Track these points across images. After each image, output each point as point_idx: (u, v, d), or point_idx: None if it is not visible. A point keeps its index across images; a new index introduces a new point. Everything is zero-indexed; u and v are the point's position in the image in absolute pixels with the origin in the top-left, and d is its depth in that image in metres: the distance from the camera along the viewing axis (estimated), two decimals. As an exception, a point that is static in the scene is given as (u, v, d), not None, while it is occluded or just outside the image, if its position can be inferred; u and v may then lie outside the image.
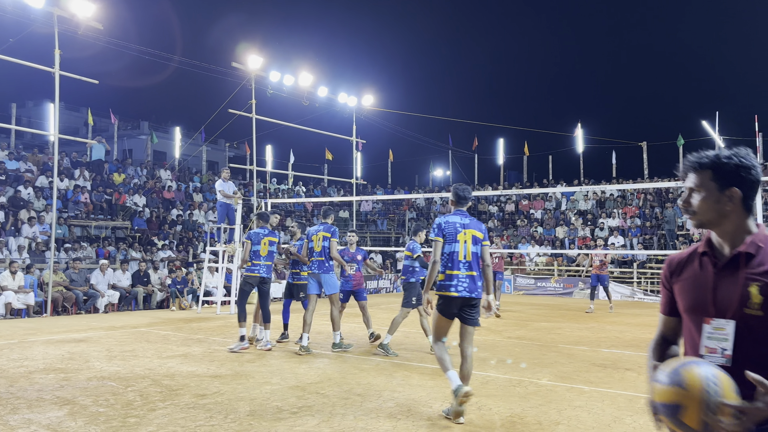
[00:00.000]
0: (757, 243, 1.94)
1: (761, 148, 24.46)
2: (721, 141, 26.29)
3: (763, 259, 1.91)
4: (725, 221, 1.98)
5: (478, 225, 5.67)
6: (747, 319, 1.89)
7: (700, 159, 2.02)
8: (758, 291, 1.87)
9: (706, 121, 26.53)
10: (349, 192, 27.90)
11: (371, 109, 23.56)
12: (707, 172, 1.99)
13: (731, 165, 1.95)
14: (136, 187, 21.78)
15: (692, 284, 2.05)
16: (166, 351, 8.74)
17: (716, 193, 1.97)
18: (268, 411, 5.56)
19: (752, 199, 1.97)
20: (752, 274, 1.91)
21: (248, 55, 18.28)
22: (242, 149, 34.55)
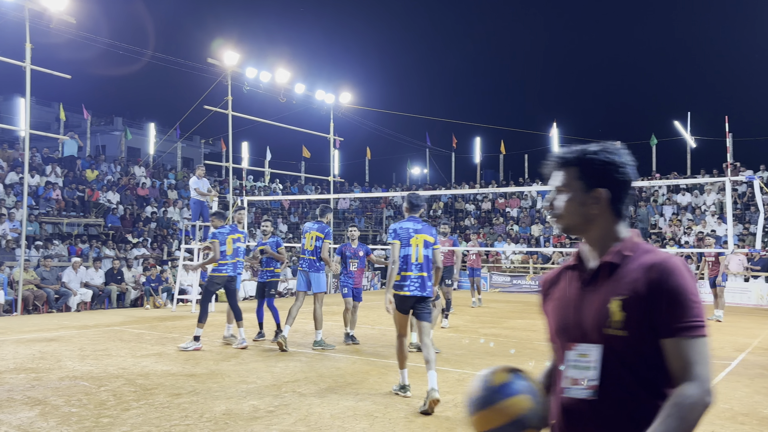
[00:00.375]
0: (623, 252, 1.66)
1: (731, 149, 24.90)
2: (693, 141, 26.76)
3: (628, 270, 1.62)
4: (592, 226, 1.71)
5: (429, 230, 6.12)
6: (610, 341, 1.60)
7: (566, 155, 1.75)
8: (619, 307, 1.58)
9: (678, 122, 26.99)
10: (326, 190, 27.82)
11: (349, 106, 23.52)
12: (573, 169, 1.72)
13: (598, 162, 1.69)
14: (109, 183, 21.46)
15: (558, 305, 1.76)
16: (140, 350, 8.64)
17: (582, 193, 1.70)
18: (245, 410, 5.53)
19: (622, 201, 1.72)
20: (614, 288, 1.62)
21: (224, 51, 18.11)
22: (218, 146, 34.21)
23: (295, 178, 31.07)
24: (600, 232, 1.71)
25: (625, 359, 1.59)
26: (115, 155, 28.19)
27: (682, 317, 1.53)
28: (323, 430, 4.98)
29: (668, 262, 1.59)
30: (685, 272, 1.57)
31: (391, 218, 29.40)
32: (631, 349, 1.58)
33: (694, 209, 22.89)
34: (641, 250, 1.66)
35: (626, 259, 1.65)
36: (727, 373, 7.55)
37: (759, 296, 17.76)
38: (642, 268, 1.60)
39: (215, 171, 30.41)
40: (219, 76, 18.41)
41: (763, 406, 5.97)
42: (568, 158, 1.74)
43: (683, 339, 1.53)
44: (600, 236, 1.71)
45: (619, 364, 1.59)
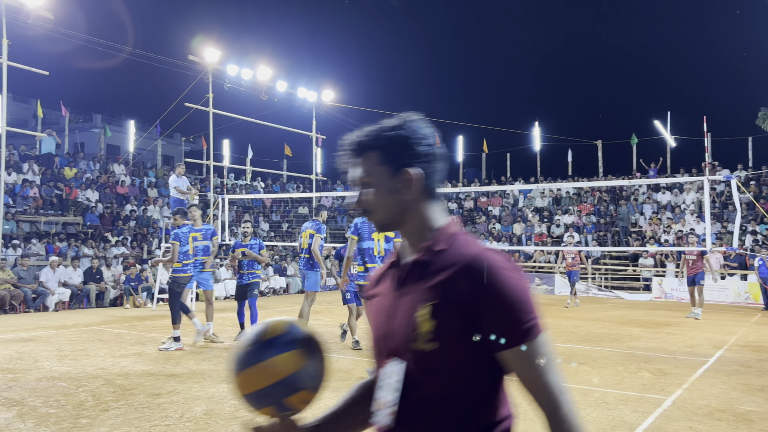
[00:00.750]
0: (435, 246, 1.37)
1: (710, 149, 25.23)
2: (672, 140, 27.07)
3: (440, 268, 1.32)
4: (409, 217, 1.42)
5: None
6: (419, 357, 1.30)
7: (361, 138, 1.45)
8: (429, 315, 1.29)
9: (658, 121, 27.29)
10: (308, 188, 27.74)
11: (331, 104, 23.47)
12: (373, 153, 1.42)
13: (400, 139, 1.41)
14: (88, 181, 21.20)
15: (376, 310, 1.47)
16: (119, 350, 8.55)
17: (389, 179, 1.40)
18: (225, 409, 5.49)
19: (434, 180, 1.44)
20: (423, 292, 1.32)
21: (205, 48, 17.97)
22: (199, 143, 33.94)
23: (277, 176, 30.93)
24: (416, 224, 1.41)
25: (435, 379, 1.30)
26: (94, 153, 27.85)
27: (516, 323, 1.26)
28: (304, 429, 4.96)
29: (485, 256, 1.29)
30: (508, 266, 1.29)
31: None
32: (444, 366, 1.29)
33: (674, 208, 23.16)
34: (457, 243, 1.36)
35: (438, 255, 1.34)
36: (704, 370, 7.65)
37: (736, 293, 18.02)
38: (456, 265, 1.30)
39: (196, 169, 30.16)
40: (200, 74, 18.28)
41: (740, 402, 6.06)
42: (365, 142, 1.43)
43: (522, 348, 1.28)
44: (416, 227, 1.41)
45: (427, 386, 1.30)
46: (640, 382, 6.90)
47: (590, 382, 6.83)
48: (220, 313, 13.64)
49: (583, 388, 6.49)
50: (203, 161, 22.69)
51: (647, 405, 5.86)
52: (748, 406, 5.91)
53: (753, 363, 8.23)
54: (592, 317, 13.71)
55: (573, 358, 8.34)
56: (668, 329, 11.80)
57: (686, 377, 7.18)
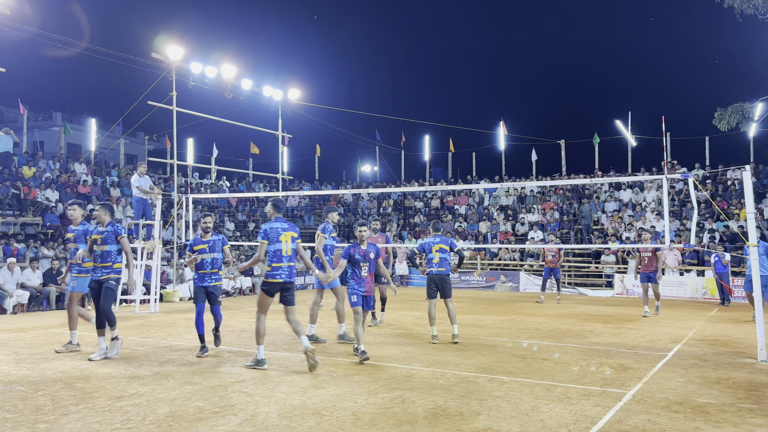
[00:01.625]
0: None
1: (669, 148, 25.84)
2: (633, 140, 27.63)
3: None
4: None
5: (294, 228, 7.61)
6: None
7: None
8: None
9: (619, 121, 27.82)
10: (275, 187, 27.54)
11: (297, 103, 23.34)
12: None
13: None
14: (48, 181, 20.70)
15: None
16: (80, 353, 8.37)
17: None
18: (189, 411, 5.43)
19: None
20: None
21: (168, 46, 17.70)
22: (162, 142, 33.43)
23: (243, 175, 30.64)
24: None
25: None
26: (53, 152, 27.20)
27: None
28: (270, 429, 4.94)
29: None
30: None
31: (341, 216, 29.33)
32: None
33: (635, 206, 23.65)
34: None
35: None
36: (663, 364, 7.84)
37: (694, 289, 18.49)
38: None
39: (160, 168, 29.70)
40: (163, 71, 18.00)
41: (697, 395, 6.23)
42: None
43: None
44: None
45: None
46: (602, 376, 7.05)
47: (553, 377, 6.95)
48: (186, 314, 13.46)
49: (547, 383, 6.59)
50: (167, 160, 22.32)
51: (608, 399, 5.98)
52: (705, 398, 6.08)
53: (709, 356, 8.47)
54: (556, 313, 13.92)
55: (537, 354, 8.47)
56: (629, 325, 12.05)
57: (646, 371, 7.35)
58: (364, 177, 36.72)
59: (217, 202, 25.73)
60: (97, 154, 27.12)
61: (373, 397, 5.98)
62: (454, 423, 5.14)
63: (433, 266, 9.67)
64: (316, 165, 34.82)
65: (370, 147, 36.53)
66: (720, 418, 5.38)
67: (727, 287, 16.62)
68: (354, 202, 30.49)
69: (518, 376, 6.96)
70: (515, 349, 8.88)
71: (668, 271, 19.54)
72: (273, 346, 9.02)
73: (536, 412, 5.49)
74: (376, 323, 11.62)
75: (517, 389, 6.34)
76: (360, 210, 29.63)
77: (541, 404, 5.75)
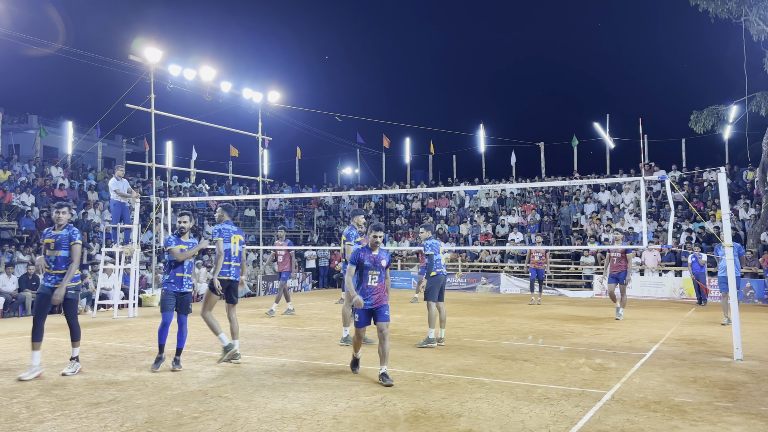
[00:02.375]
0: None
1: (646, 150, 26.17)
2: (611, 142, 27.92)
3: None
4: None
5: (240, 231, 8.30)
6: None
7: None
8: None
9: (598, 124, 28.10)
10: (255, 190, 27.39)
11: (278, 105, 23.22)
12: None
13: None
14: (23, 185, 20.39)
15: None
16: (56, 359, 8.25)
17: None
18: (168, 417, 5.37)
19: None
20: None
21: (146, 48, 17.52)
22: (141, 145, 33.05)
23: (223, 178, 30.43)
24: None
25: None
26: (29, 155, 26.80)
27: None
28: (250, 434, 4.90)
29: None
30: None
31: (322, 218, 29.25)
32: None
33: (614, 207, 23.89)
34: None
35: None
36: (642, 364, 7.92)
37: (672, 289, 18.72)
38: None
39: (138, 171, 29.41)
40: (141, 74, 17.81)
41: (674, 394, 6.30)
42: None
43: None
44: None
45: None
46: (582, 377, 7.10)
47: (533, 378, 6.98)
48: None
49: (527, 385, 6.63)
50: (146, 163, 22.08)
51: (588, 399, 6.03)
52: (682, 397, 6.15)
53: (687, 356, 8.57)
54: (536, 314, 14.01)
55: (517, 355, 8.51)
56: (609, 325, 12.16)
57: (625, 371, 7.43)
58: (345, 179, 36.68)
59: (197, 206, 25.52)
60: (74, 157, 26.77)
61: (353, 400, 5.97)
62: (435, 425, 5.14)
63: (442, 267, 9.74)
64: (297, 167, 34.72)
65: (351, 149, 36.52)
66: (697, 417, 5.44)
67: (704, 287, 16.85)
68: (335, 204, 30.44)
69: (499, 378, 6.99)
70: (496, 351, 8.91)
71: (647, 271, 19.77)
72: (253, 350, 8.96)
73: (516, 413, 5.52)
74: None
75: (498, 390, 6.36)
76: (341, 213, 29.59)
77: (522, 405, 5.78)
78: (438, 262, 9.68)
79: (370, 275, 6.95)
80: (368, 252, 7.05)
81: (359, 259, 7.01)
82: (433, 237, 9.93)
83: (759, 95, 19.64)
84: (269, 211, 28.78)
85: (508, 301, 17.86)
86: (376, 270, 6.97)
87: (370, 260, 6.97)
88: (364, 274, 6.98)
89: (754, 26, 18.93)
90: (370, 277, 6.95)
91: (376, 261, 7.00)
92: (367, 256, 7.00)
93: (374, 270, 6.97)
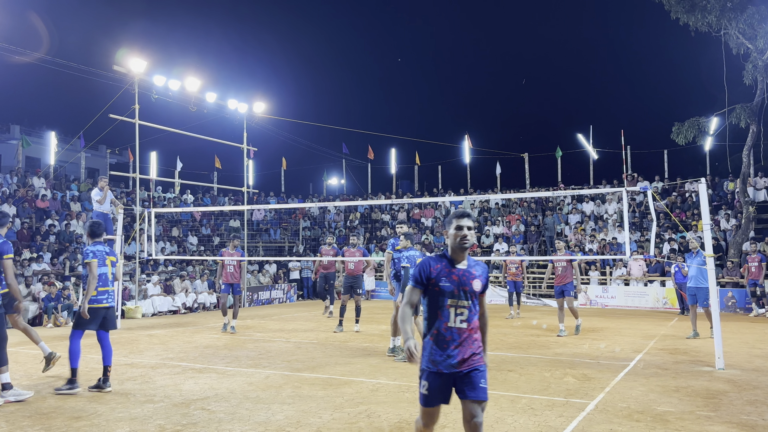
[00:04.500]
0: None
1: (629, 161, 26.43)
2: (594, 153, 28.18)
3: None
4: None
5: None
6: None
7: None
8: None
9: (581, 134, 28.36)
10: (240, 201, 27.29)
11: (263, 116, 23.19)
12: None
13: None
14: (5, 195, 20.17)
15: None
16: (37, 372, 8.13)
17: None
18: (150, 430, 5.31)
19: None
20: None
21: (131, 58, 17.46)
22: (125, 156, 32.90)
23: (208, 188, 30.31)
24: None
25: None
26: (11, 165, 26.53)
27: None
28: (233, 447, 4.86)
29: None
30: None
31: (307, 229, 29.19)
32: None
33: (597, 218, 24.07)
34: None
35: None
36: (625, 374, 7.97)
37: (655, 299, 18.87)
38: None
39: (122, 182, 29.18)
40: (125, 84, 17.73)
41: (657, 403, 6.34)
42: None
43: None
44: None
45: None
46: (566, 387, 7.12)
47: (518, 388, 7.00)
48: (148, 330, 13.20)
49: (511, 395, 6.64)
50: (130, 174, 21.93)
51: (572, 409, 6.05)
52: (665, 407, 6.20)
53: (669, 365, 8.64)
54: (521, 325, 14.04)
55: (501, 365, 8.52)
56: (593, 335, 12.23)
57: (608, 381, 7.46)
58: (330, 190, 36.67)
59: (181, 216, 25.37)
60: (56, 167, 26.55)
61: (338, 412, 5.94)
62: (419, 436, 5.12)
63: None
64: (282, 178, 34.66)
65: (337, 160, 36.53)
66: (679, 426, 5.48)
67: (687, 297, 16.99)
68: (321, 215, 30.40)
69: (483, 388, 6.99)
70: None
71: (632, 281, 19.91)
72: (237, 362, 8.91)
73: (501, 423, 5.52)
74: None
75: (483, 401, 6.36)
76: (327, 223, 29.54)
77: (506, 416, 5.78)
78: None
79: (451, 307, 3.81)
80: (446, 265, 3.95)
81: (429, 277, 3.89)
82: (413, 247, 9.34)
83: (739, 107, 19.94)
84: (255, 221, 28.68)
85: (493, 311, 17.88)
86: (464, 298, 3.84)
87: (451, 279, 3.86)
88: (439, 305, 3.83)
89: (733, 39, 19.26)
90: (451, 312, 3.81)
91: (464, 281, 3.87)
92: (445, 272, 3.89)
93: (459, 298, 3.83)
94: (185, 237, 24.23)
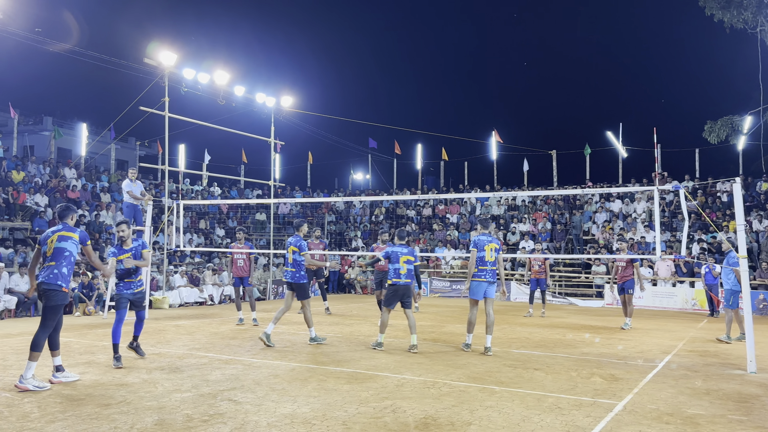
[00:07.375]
0: None
1: (660, 159, 26.00)
2: (624, 151, 27.79)
3: None
4: None
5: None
6: None
7: None
8: None
9: (610, 132, 27.99)
10: (267, 194, 27.47)
11: (290, 110, 23.30)
12: None
13: None
14: (37, 186, 20.57)
15: None
16: (68, 359, 8.28)
17: None
18: (178, 419, 5.37)
19: None
20: None
21: (161, 51, 17.66)
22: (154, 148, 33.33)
23: (235, 181, 30.57)
24: None
25: None
26: (44, 156, 27.04)
27: None
28: (259, 438, 4.89)
29: None
30: None
31: (332, 223, 29.28)
32: None
33: (626, 217, 23.75)
34: None
35: None
36: (654, 375, 7.85)
37: (684, 300, 18.56)
38: None
39: (151, 174, 29.58)
40: (155, 77, 17.94)
41: (687, 405, 6.23)
42: None
43: None
44: None
45: None
46: (593, 387, 7.04)
47: (544, 387, 6.93)
48: (175, 321, 13.37)
49: (538, 394, 6.58)
50: (158, 166, 22.22)
51: (599, 410, 5.97)
52: (695, 409, 6.08)
53: (699, 367, 8.48)
54: (547, 324, 13.92)
55: (527, 363, 8.46)
56: (620, 335, 12.07)
57: (637, 382, 7.35)
58: (356, 185, 36.71)
59: (208, 209, 25.63)
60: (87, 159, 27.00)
61: (363, 406, 5.95)
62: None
63: (400, 276, 9.52)
64: (308, 172, 34.81)
65: (363, 155, 36.56)
66: (710, 429, 5.38)
67: (716, 299, 16.68)
68: (346, 210, 30.46)
69: (509, 386, 6.95)
70: (506, 359, 8.86)
71: (660, 282, 19.62)
72: (262, 354, 8.97)
73: (527, 422, 5.48)
74: None
75: (509, 399, 6.32)
76: (352, 218, 29.60)
77: (533, 414, 5.73)
78: (397, 272, 9.46)
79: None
80: None
81: None
82: (400, 244, 9.73)
83: (774, 106, 19.50)
84: (280, 215, 28.85)
85: (519, 309, 17.75)
86: None
87: None
88: None
89: (769, 36, 18.82)
90: None
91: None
92: None
93: None
94: (212, 229, 24.47)
